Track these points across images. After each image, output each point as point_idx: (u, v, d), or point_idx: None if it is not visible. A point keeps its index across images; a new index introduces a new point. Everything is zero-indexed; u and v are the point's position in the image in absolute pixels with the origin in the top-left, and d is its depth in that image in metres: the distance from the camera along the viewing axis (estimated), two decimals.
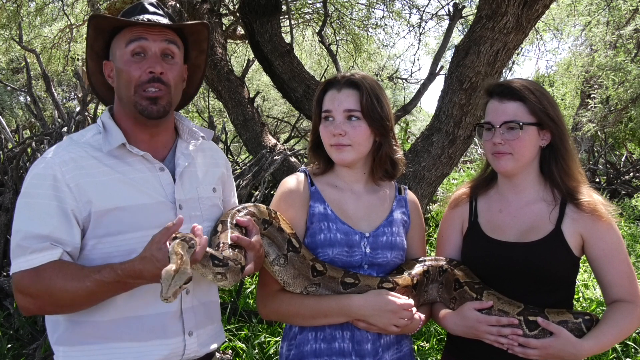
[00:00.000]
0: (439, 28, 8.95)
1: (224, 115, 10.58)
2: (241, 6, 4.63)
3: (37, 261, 1.46)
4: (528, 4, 3.16)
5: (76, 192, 1.51)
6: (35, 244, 1.47)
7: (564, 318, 1.67)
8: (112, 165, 1.57)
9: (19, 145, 5.15)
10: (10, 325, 3.65)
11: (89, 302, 1.50)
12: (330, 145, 1.77)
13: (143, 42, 1.57)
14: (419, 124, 18.07)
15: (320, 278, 1.70)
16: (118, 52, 1.60)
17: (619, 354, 3.70)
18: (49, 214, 1.49)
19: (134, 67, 1.57)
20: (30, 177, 1.54)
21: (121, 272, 1.44)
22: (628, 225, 7.50)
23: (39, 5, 7.80)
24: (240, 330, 3.92)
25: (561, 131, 1.78)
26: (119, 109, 1.66)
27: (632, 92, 9.17)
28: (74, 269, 1.48)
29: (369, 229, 1.80)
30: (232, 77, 4.94)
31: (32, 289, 1.47)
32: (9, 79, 13.73)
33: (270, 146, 4.64)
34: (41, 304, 1.49)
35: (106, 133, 1.60)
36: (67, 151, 1.56)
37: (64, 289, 1.45)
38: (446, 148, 3.60)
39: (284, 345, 1.83)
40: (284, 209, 1.77)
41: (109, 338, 1.54)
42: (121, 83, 1.59)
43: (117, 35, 1.62)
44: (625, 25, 8.81)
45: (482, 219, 1.89)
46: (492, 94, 1.81)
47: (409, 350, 1.88)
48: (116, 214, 1.53)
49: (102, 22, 1.60)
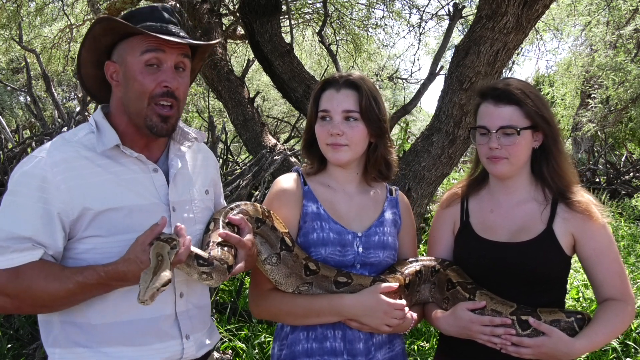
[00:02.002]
0: (439, 28, 8.96)
1: (224, 115, 10.58)
2: (241, 6, 4.63)
3: (17, 261, 1.44)
4: (528, 4, 3.16)
5: (66, 194, 1.47)
6: (17, 244, 1.44)
7: (556, 317, 1.68)
8: (105, 165, 1.54)
9: (19, 145, 5.16)
10: (10, 325, 3.65)
11: (70, 303, 1.48)
12: (326, 144, 1.77)
13: (160, 54, 1.53)
14: (419, 124, 18.07)
15: (313, 277, 1.70)
16: (129, 58, 1.54)
17: (619, 354, 3.70)
18: (34, 215, 1.46)
19: (149, 79, 1.53)
20: (18, 175, 1.50)
21: (104, 274, 1.43)
22: (628, 226, 7.50)
23: (39, 5, 7.80)
24: (240, 330, 3.92)
25: (554, 132, 1.79)
26: (117, 111, 1.61)
27: (632, 92, 9.17)
28: (55, 269, 1.46)
29: (361, 228, 1.81)
30: (232, 77, 4.95)
31: (10, 288, 1.44)
32: (9, 79, 13.73)
33: (270, 146, 4.64)
34: (19, 303, 1.47)
35: (99, 133, 1.57)
36: (59, 151, 1.52)
37: (44, 289, 1.43)
38: (446, 148, 3.60)
39: (276, 345, 1.83)
40: (277, 207, 1.77)
41: (104, 342, 1.52)
42: (131, 91, 1.55)
43: (128, 38, 1.56)
44: (625, 25, 8.81)
45: (474, 219, 1.89)
46: (486, 96, 1.80)
47: (401, 349, 1.88)
48: (109, 215, 1.51)
49: (116, 25, 1.54)
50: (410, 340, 3.89)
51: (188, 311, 1.65)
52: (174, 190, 1.63)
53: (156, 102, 1.55)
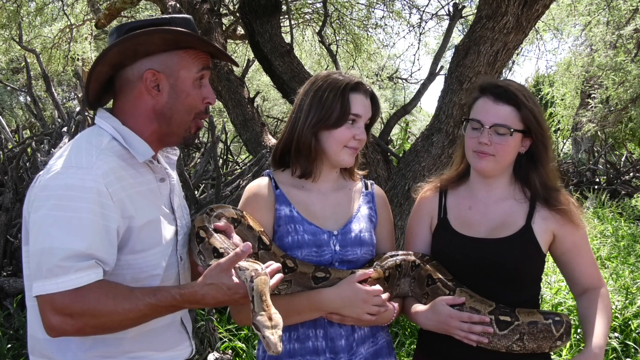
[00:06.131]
0: (439, 28, 8.95)
1: (224, 115, 10.58)
2: (241, 6, 4.63)
3: (82, 280, 1.35)
4: (528, 4, 3.16)
5: (120, 207, 1.43)
6: (79, 262, 1.35)
7: (534, 319, 1.69)
8: (133, 176, 1.52)
9: (19, 145, 5.16)
10: (10, 325, 3.65)
11: (136, 324, 1.44)
12: (345, 146, 1.78)
13: (209, 72, 1.60)
14: (419, 124, 18.08)
15: (292, 275, 1.69)
16: (184, 72, 1.54)
17: (619, 354, 3.70)
18: (95, 230, 1.38)
19: (199, 95, 1.57)
20: (64, 189, 1.38)
21: (180, 297, 1.42)
22: (628, 226, 7.50)
23: (39, 5, 7.81)
24: (240, 330, 3.92)
25: (546, 140, 1.81)
26: (148, 120, 1.56)
27: (632, 92, 9.16)
28: (124, 289, 1.41)
29: (336, 226, 1.80)
30: (232, 77, 4.95)
31: (74, 309, 1.35)
32: (9, 79, 13.73)
33: (270, 146, 4.64)
34: (81, 325, 1.37)
35: (128, 142, 1.53)
36: (104, 162, 1.45)
37: (113, 310, 1.37)
38: (446, 148, 3.60)
39: (260, 347, 1.83)
40: (250, 213, 1.76)
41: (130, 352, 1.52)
42: (180, 104, 1.55)
43: (179, 50, 1.54)
44: (625, 25, 8.80)
45: (451, 215, 1.90)
46: (486, 92, 1.80)
47: (386, 342, 1.87)
48: (149, 228, 1.50)
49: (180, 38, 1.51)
50: (410, 340, 3.90)
51: (185, 313, 1.70)
52: (175, 199, 1.65)
53: (201, 117, 1.60)
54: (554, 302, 4.32)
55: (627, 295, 4.39)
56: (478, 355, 1.71)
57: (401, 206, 3.72)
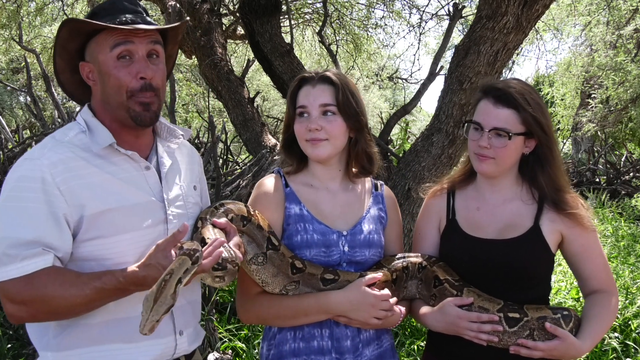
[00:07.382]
0: (439, 28, 8.94)
1: (224, 115, 10.58)
2: (241, 6, 4.63)
3: (29, 268, 1.40)
4: (528, 4, 3.16)
5: (67, 196, 1.46)
6: (26, 251, 1.41)
7: (542, 314, 1.69)
8: (100, 165, 1.53)
9: (19, 145, 5.16)
10: (10, 325, 3.65)
11: (87, 309, 1.47)
12: (305, 140, 1.76)
13: (130, 46, 1.53)
14: (419, 124, 18.07)
15: (300, 275, 1.69)
16: (101, 56, 1.54)
17: (619, 354, 3.70)
18: (40, 218, 1.43)
19: (123, 72, 1.53)
20: (16, 180, 1.46)
21: (123, 279, 1.43)
22: (628, 226, 7.50)
23: (39, 5, 7.80)
24: (240, 330, 3.92)
25: (550, 140, 1.80)
26: (102, 109, 1.61)
27: (632, 92, 9.17)
28: (71, 275, 1.44)
29: (346, 227, 1.80)
30: (232, 77, 4.95)
31: (24, 296, 1.41)
32: (9, 79, 13.73)
33: (270, 146, 4.64)
34: (34, 311, 1.44)
35: (91, 132, 1.56)
36: (54, 152, 1.50)
37: (61, 296, 1.41)
38: (446, 148, 3.60)
39: (264, 345, 1.83)
40: (260, 211, 1.76)
41: (100, 340, 1.52)
42: (108, 87, 1.55)
43: (95, 36, 1.55)
44: (625, 25, 8.81)
45: (460, 216, 1.90)
46: (487, 94, 1.80)
47: (390, 345, 1.88)
48: (109, 216, 1.50)
49: (80, 25, 1.54)
50: (410, 340, 3.90)
51: (181, 307, 1.65)
52: (167, 187, 1.64)
53: (137, 95, 1.55)
54: (553, 302, 4.32)
55: (627, 295, 4.39)
56: (489, 354, 1.71)
57: (401, 206, 3.72)
